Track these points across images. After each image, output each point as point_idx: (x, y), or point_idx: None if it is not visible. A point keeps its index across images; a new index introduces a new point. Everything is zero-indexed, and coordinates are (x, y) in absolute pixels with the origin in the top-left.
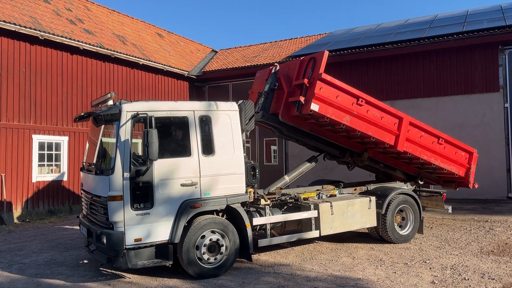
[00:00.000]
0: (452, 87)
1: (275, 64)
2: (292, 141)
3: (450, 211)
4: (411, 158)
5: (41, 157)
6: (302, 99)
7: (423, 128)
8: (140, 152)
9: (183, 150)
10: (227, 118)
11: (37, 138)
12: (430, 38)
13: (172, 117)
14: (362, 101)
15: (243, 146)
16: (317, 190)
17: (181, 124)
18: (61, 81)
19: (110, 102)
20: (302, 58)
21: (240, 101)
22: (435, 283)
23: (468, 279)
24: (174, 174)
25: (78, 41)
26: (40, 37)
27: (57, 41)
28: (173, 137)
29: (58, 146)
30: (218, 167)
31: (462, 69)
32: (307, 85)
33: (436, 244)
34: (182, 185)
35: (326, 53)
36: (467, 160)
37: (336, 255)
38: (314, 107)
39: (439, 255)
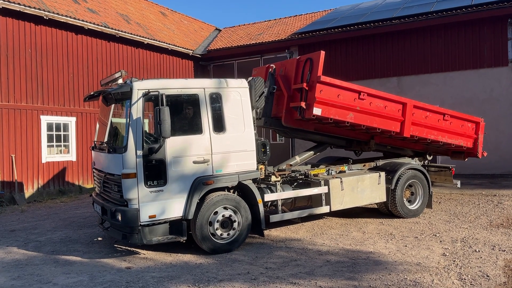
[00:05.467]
0: (460, 62)
1: (271, 65)
2: (298, 139)
3: (459, 185)
4: (419, 139)
5: (49, 138)
6: (303, 104)
7: (428, 109)
8: (149, 131)
9: (195, 127)
10: (237, 95)
11: (45, 119)
12: (438, 12)
13: (183, 95)
14: (363, 94)
15: (254, 123)
16: (327, 166)
17: (192, 101)
18: (67, 61)
19: (120, 81)
20: (298, 58)
21: (250, 78)
22: (446, 255)
23: (478, 251)
24: (186, 151)
25: (82, 20)
26: (45, 17)
27: (62, 20)
28: (184, 114)
29: (66, 126)
30: (229, 144)
31: (470, 44)
32: (307, 89)
33: (446, 218)
34: (195, 162)
35: (323, 53)
36: (474, 130)
37: (347, 229)
38: (317, 111)
39: (449, 229)
